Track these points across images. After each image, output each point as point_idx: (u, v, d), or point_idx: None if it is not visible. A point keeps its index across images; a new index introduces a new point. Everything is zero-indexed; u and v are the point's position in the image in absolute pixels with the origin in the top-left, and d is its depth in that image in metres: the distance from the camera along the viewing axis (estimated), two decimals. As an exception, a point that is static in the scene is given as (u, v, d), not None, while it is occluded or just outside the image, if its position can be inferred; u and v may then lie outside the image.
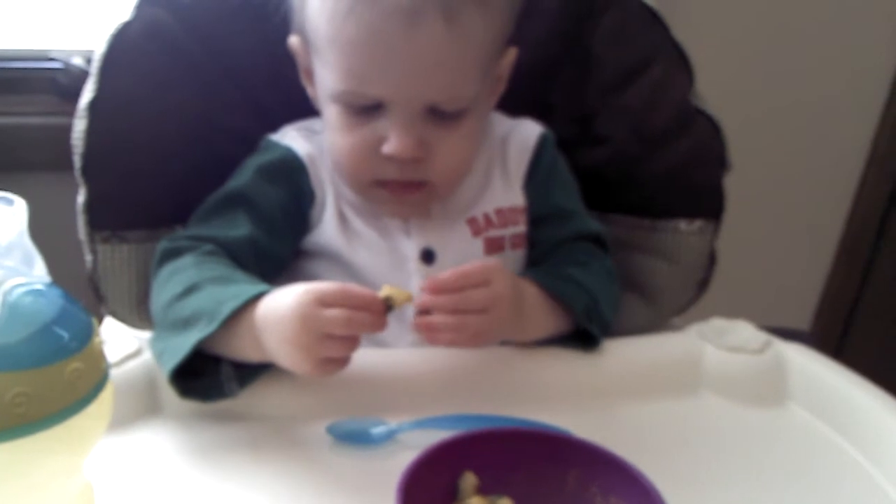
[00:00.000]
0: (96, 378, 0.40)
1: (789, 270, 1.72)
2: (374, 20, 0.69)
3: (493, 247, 0.83)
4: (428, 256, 0.81)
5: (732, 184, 0.92)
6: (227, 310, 0.65)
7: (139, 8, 0.80)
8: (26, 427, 0.37)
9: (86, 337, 0.40)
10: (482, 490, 0.59)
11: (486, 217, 0.84)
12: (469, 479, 0.59)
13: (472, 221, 0.83)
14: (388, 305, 0.64)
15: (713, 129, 0.88)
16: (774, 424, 0.74)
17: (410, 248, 0.81)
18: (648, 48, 0.89)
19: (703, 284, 0.91)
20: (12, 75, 1.28)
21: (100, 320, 0.83)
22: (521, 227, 0.85)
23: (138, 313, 0.81)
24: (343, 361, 0.64)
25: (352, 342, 0.64)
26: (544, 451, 0.60)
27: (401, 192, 0.78)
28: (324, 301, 0.62)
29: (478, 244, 0.83)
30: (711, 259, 0.90)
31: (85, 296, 0.82)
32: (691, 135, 0.88)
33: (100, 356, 0.41)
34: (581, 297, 0.77)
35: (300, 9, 0.76)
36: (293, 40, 0.80)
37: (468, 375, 0.72)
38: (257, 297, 0.65)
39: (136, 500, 0.59)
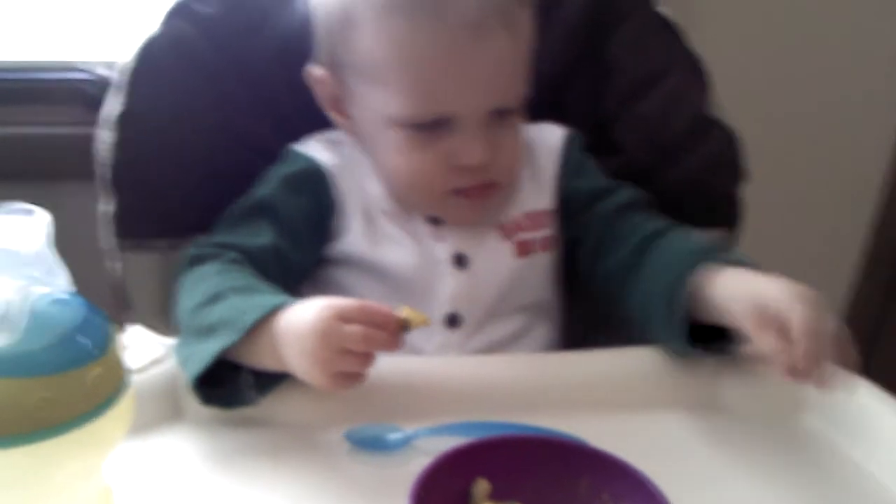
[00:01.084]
0: (116, 384, 0.42)
1: (814, 280, 1.71)
2: (443, 39, 0.72)
3: (524, 249, 0.85)
4: (460, 260, 0.83)
5: (755, 192, 0.93)
6: (248, 320, 0.66)
7: (165, 23, 0.82)
8: (49, 431, 0.38)
9: (107, 344, 0.42)
10: (494, 496, 0.60)
11: (516, 221, 0.86)
12: (482, 486, 0.60)
13: (502, 226, 0.85)
14: (404, 326, 0.65)
15: (729, 139, 0.90)
16: (789, 435, 0.74)
17: (443, 251, 0.83)
18: (664, 58, 0.91)
19: (719, 295, 0.91)
20: (39, 86, 1.30)
21: (123, 327, 0.85)
22: (548, 230, 0.87)
23: (164, 320, 0.83)
24: (358, 377, 0.65)
25: (368, 358, 0.65)
26: (556, 459, 0.61)
27: (479, 195, 0.80)
28: (343, 317, 0.63)
29: (508, 247, 0.85)
30: (728, 269, 0.91)
31: (111, 303, 0.84)
32: (707, 144, 0.90)
33: (120, 363, 0.43)
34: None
35: (339, 41, 0.78)
36: (315, 71, 0.82)
37: (483, 383, 0.73)
38: (278, 308, 0.67)
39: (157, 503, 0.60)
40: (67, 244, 0.92)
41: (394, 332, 0.64)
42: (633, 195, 0.87)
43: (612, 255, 0.83)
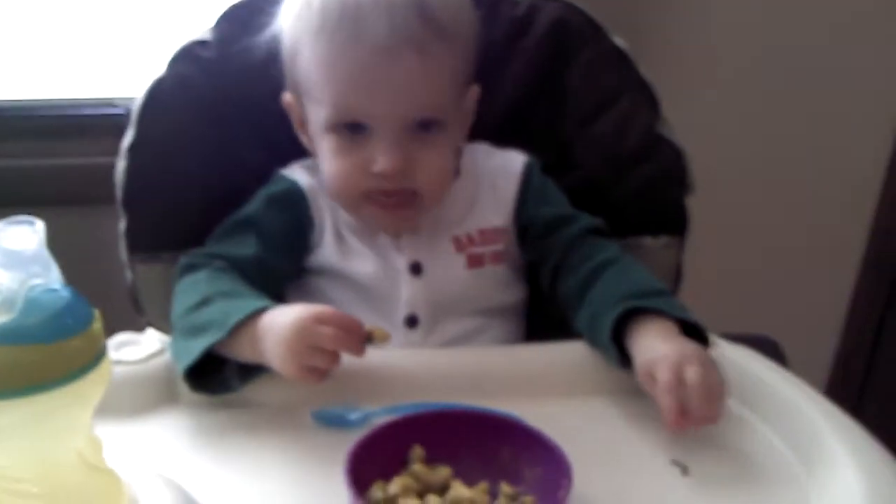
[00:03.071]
0: (95, 353, 0.54)
1: (815, 283, 1.75)
2: (358, 58, 0.83)
3: (474, 262, 0.95)
4: (416, 269, 0.94)
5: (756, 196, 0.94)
6: (232, 321, 0.77)
7: (170, 66, 0.95)
8: (40, 387, 0.50)
9: (87, 323, 0.53)
10: (427, 461, 0.70)
11: (469, 236, 0.95)
12: (417, 451, 0.70)
13: (455, 239, 0.95)
14: (369, 338, 0.77)
15: (676, 155, 0.99)
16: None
17: (401, 261, 0.94)
18: (617, 84, 1.00)
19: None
20: (81, 121, 1.46)
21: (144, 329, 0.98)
22: (500, 246, 0.96)
23: (169, 322, 0.95)
24: (324, 373, 0.76)
25: (335, 357, 0.76)
26: (482, 430, 0.71)
27: (392, 208, 0.90)
28: (319, 319, 0.75)
29: (460, 259, 0.95)
30: (678, 272, 1.00)
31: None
32: (656, 160, 0.99)
33: (98, 338, 0.55)
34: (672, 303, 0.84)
35: (292, 64, 0.89)
36: (286, 97, 0.93)
37: (432, 371, 0.83)
38: (259, 311, 0.78)
39: (157, 472, 0.68)
40: (102, 258, 1.05)
41: (359, 340, 0.76)
42: (590, 223, 0.95)
43: (566, 281, 0.92)
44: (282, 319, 0.76)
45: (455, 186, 0.95)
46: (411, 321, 0.93)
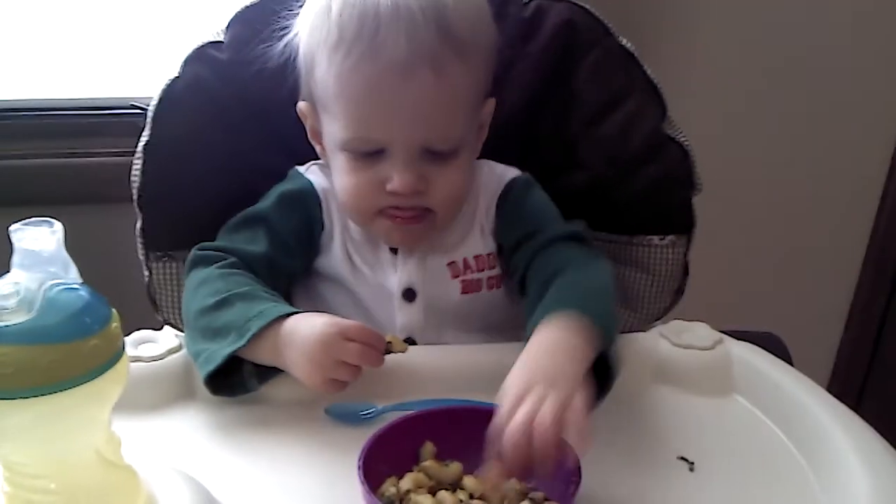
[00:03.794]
0: (112, 352, 0.55)
1: (818, 284, 1.76)
2: (374, 75, 0.82)
3: (470, 288, 0.95)
4: (409, 295, 0.94)
5: (763, 198, 0.94)
6: (253, 329, 0.78)
7: (184, 66, 0.96)
8: (58, 385, 0.52)
9: (105, 322, 0.55)
10: (439, 457, 0.71)
11: (465, 262, 0.95)
12: (428, 447, 0.72)
13: (452, 265, 0.95)
14: (388, 349, 0.79)
15: (683, 155, 0.98)
16: (719, 413, 0.84)
17: (396, 285, 0.94)
18: (624, 84, 1.00)
19: (678, 292, 1.01)
20: (101, 120, 1.47)
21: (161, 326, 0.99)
22: (496, 270, 0.96)
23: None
24: (345, 385, 0.78)
25: (358, 371, 0.78)
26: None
27: (404, 222, 0.90)
28: (345, 334, 0.76)
29: (455, 285, 0.95)
30: (685, 270, 1.01)
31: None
32: (662, 160, 0.99)
33: (116, 337, 0.56)
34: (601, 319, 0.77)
35: (308, 75, 0.90)
36: (301, 105, 0.93)
37: (440, 368, 0.86)
38: (280, 318, 0.79)
39: (175, 467, 0.70)
40: (122, 255, 1.06)
41: (381, 353, 0.78)
42: (556, 233, 0.92)
43: (527, 298, 0.88)
44: (306, 330, 0.77)
45: None
46: (408, 342, 0.91)
